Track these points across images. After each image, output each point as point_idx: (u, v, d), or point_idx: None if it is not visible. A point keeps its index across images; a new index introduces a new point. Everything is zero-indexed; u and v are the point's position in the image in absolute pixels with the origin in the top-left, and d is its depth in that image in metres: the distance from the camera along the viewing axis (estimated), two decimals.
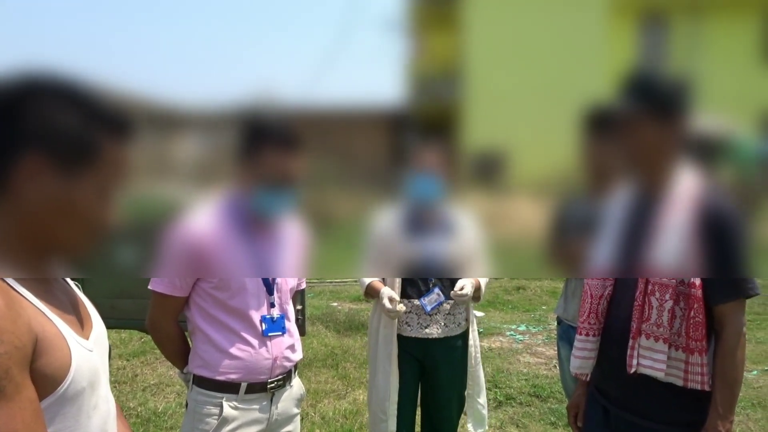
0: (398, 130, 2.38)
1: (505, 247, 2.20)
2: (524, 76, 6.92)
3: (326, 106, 1.92)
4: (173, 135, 1.63)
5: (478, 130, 4.90)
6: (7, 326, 0.76)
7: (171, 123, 1.56)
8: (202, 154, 1.78)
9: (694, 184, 1.37)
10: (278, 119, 1.58)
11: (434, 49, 8.12)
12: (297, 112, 1.67)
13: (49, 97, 0.81)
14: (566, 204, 2.01)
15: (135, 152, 0.90)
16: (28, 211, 0.82)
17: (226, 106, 1.68)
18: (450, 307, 2.22)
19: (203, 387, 1.62)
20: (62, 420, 0.86)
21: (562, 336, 2.33)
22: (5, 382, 0.75)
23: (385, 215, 2.13)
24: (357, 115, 2.06)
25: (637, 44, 8.03)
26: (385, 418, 2.20)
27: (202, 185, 1.75)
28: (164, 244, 1.53)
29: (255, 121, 1.58)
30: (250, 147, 1.55)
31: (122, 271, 1.71)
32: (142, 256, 1.58)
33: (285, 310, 1.71)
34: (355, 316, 5.89)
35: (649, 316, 1.39)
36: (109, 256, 1.07)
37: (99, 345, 0.97)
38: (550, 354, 4.76)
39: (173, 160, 1.67)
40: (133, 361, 4.49)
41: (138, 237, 1.32)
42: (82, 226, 0.86)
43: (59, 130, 0.81)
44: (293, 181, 1.55)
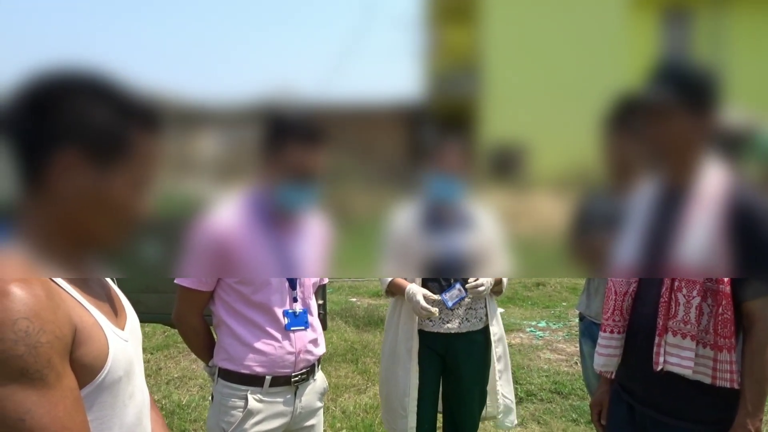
0: (416, 125, 2.37)
1: (525, 243, 2.18)
2: (543, 70, 6.84)
3: (343, 102, 1.92)
4: (194, 132, 1.65)
5: (497, 124, 4.85)
6: (49, 317, 0.78)
7: (191, 120, 1.57)
8: (224, 150, 1.80)
9: (721, 178, 1.35)
10: (300, 114, 1.59)
11: (452, 43, 8.06)
12: (315, 108, 1.67)
13: (81, 93, 0.83)
14: (588, 199, 1.99)
15: (162, 147, 0.92)
16: (63, 205, 0.84)
17: (246, 103, 1.69)
18: (471, 302, 2.22)
19: (228, 380, 1.64)
20: (100, 408, 0.88)
21: (584, 332, 2.32)
22: (47, 371, 0.77)
23: (403, 212, 2.12)
24: (374, 111, 2.06)
25: (659, 37, 7.90)
26: (405, 414, 2.21)
27: (225, 182, 1.77)
28: (189, 240, 1.55)
29: (277, 117, 1.59)
30: (273, 142, 1.56)
31: (148, 269, 1.74)
32: (166, 252, 1.60)
33: (308, 304, 1.73)
34: (375, 311, 5.91)
35: (675, 313, 1.37)
36: (134, 253, 1.09)
37: (133, 335, 0.99)
38: (570, 351, 4.73)
39: (195, 156, 1.68)
40: (157, 354, 4.56)
41: (162, 233, 1.33)
42: (116, 218, 0.88)
43: (92, 125, 0.83)
44: (316, 175, 1.56)
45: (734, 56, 6.50)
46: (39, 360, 0.76)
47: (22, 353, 0.74)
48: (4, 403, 0.74)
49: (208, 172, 1.75)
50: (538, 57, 7.34)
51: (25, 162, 0.84)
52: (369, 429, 3.28)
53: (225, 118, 1.74)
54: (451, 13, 8.02)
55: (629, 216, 1.51)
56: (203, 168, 1.73)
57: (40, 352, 0.76)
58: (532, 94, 6.49)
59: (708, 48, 7.44)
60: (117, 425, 0.92)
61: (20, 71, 0.83)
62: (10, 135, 0.83)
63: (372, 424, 3.33)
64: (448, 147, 2.03)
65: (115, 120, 0.84)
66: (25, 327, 0.75)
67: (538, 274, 5.91)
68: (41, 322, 0.77)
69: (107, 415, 0.90)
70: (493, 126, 5.40)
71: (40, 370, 0.76)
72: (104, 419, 0.89)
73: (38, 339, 0.76)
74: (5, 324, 0.74)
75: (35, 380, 0.76)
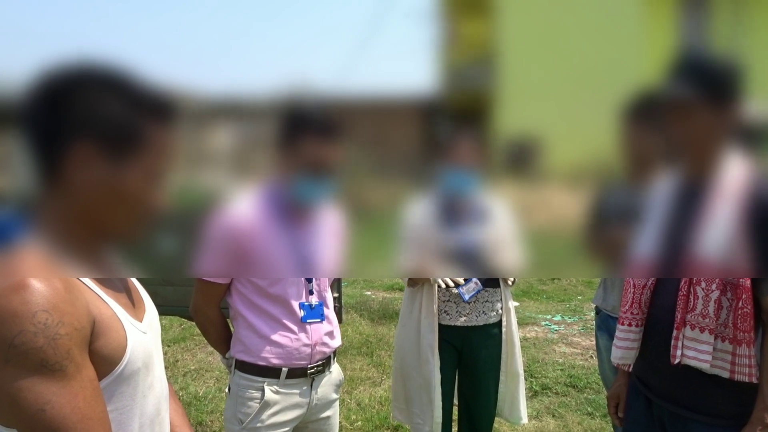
0: (431, 118, 2.37)
1: (540, 237, 2.17)
2: (559, 63, 6.77)
3: (359, 95, 1.93)
4: (209, 125, 1.66)
5: (512, 118, 4.82)
6: (68, 309, 0.79)
7: (207, 113, 1.58)
8: (239, 143, 1.81)
9: (743, 172, 1.33)
10: (317, 108, 1.59)
11: (467, 36, 8.00)
12: (330, 101, 1.67)
13: (96, 86, 0.84)
14: (605, 193, 1.97)
15: (176, 140, 0.93)
16: (79, 198, 0.85)
17: (262, 96, 1.70)
18: (488, 295, 2.22)
19: (245, 371, 1.66)
20: (119, 399, 0.89)
21: (600, 326, 2.31)
22: (67, 362, 0.78)
23: (418, 205, 2.12)
24: (389, 104, 2.06)
25: (677, 29, 7.77)
26: (431, 408, 2.22)
27: (240, 175, 1.78)
28: (205, 233, 1.56)
29: (294, 110, 1.59)
30: (289, 136, 1.57)
31: (164, 264, 1.76)
32: (182, 246, 1.62)
33: (323, 297, 1.74)
34: (389, 304, 5.92)
35: (694, 307, 1.36)
36: (150, 247, 1.10)
37: (152, 328, 1.01)
38: (586, 344, 4.71)
39: (210, 150, 1.70)
40: (173, 347, 4.61)
41: (177, 227, 1.35)
42: (132, 211, 0.89)
43: (107, 118, 0.83)
44: (332, 169, 1.57)
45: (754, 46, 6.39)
46: (58, 352, 0.77)
47: (41, 345, 0.76)
48: (24, 394, 0.75)
49: (223, 166, 1.77)
50: (554, 49, 7.26)
51: (41, 155, 0.84)
52: (384, 421, 3.30)
53: (240, 112, 1.76)
54: (467, 6, 7.95)
55: (648, 210, 1.50)
56: (218, 161, 1.74)
57: (59, 344, 0.77)
58: (548, 87, 6.43)
59: (727, 38, 7.32)
60: (137, 416, 0.93)
61: (36, 65, 0.84)
62: (26, 128, 0.84)
63: (387, 416, 3.34)
64: (463, 140, 2.02)
65: (129, 113, 0.85)
66: (44, 319, 0.76)
67: (553, 273, 5.86)
68: (60, 314, 0.78)
69: (127, 406, 0.91)
70: (509, 119, 5.36)
71: (60, 361, 0.77)
72: (124, 410, 0.90)
73: (57, 331, 0.77)
74: (25, 316, 0.75)
75: (55, 372, 0.77)
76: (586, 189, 1.99)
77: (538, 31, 7.95)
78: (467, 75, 7.06)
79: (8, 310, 0.75)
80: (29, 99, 0.83)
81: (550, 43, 7.67)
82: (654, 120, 1.86)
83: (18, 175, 1.89)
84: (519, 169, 2.43)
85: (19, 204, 1.55)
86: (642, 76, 1.82)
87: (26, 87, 0.83)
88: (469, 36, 8.18)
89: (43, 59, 0.84)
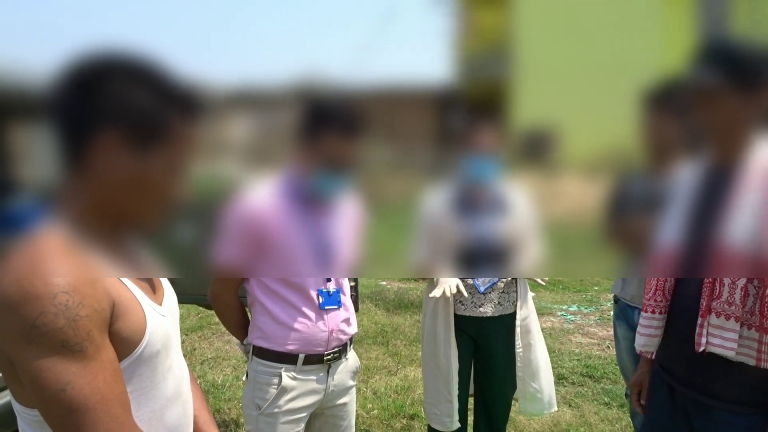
0: (446, 108, 2.35)
1: (557, 228, 2.15)
2: (576, 51, 6.66)
3: (373, 85, 1.92)
4: (223, 114, 1.66)
5: (529, 107, 4.76)
6: (88, 290, 0.80)
7: (222, 103, 1.59)
8: (256, 133, 1.81)
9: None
10: (340, 103, 1.58)
11: (482, 25, 7.91)
12: (344, 90, 1.67)
13: (124, 76, 0.84)
14: (626, 181, 1.95)
15: (200, 132, 0.93)
16: (103, 186, 0.86)
17: (276, 86, 1.69)
18: (504, 286, 2.21)
19: (262, 358, 1.68)
20: (139, 381, 0.91)
21: (619, 315, 2.29)
22: (87, 344, 0.79)
23: (435, 195, 2.10)
24: (404, 95, 2.05)
25: (696, 15, 7.60)
26: (450, 398, 2.22)
27: (254, 165, 1.78)
28: (223, 220, 1.57)
29: (318, 103, 1.59)
30: (311, 129, 1.57)
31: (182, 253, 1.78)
32: (200, 235, 1.63)
33: (340, 284, 1.75)
34: (404, 294, 5.93)
35: (720, 294, 1.34)
36: (169, 236, 1.11)
37: (171, 311, 1.02)
38: (602, 335, 4.69)
39: (226, 140, 1.70)
40: (191, 335, 4.66)
41: (195, 217, 1.36)
42: (154, 200, 0.90)
43: (134, 107, 0.84)
44: (352, 165, 1.57)
45: None
46: (79, 333, 0.78)
47: (62, 326, 0.77)
48: (45, 374, 0.77)
49: (238, 155, 1.77)
50: (570, 38, 7.15)
51: (67, 142, 0.85)
52: (400, 410, 3.32)
53: (255, 101, 1.76)
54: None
55: (671, 199, 1.48)
56: (233, 151, 1.75)
57: (79, 325, 0.78)
58: (565, 76, 6.34)
59: (748, 23, 7.17)
60: (156, 397, 0.94)
61: (64, 53, 0.85)
62: (53, 116, 0.85)
63: (403, 405, 3.36)
64: (483, 127, 2.00)
65: (157, 104, 0.85)
66: (65, 300, 0.77)
67: (573, 273, 5.82)
68: (80, 296, 0.79)
69: (146, 387, 0.92)
70: (525, 109, 5.30)
71: (80, 342, 0.78)
72: (143, 391, 0.92)
73: (78, 312, 0.78)
74: (46, 298, 0.76)
75: (75, 352, 0.78)
76: (604, 179, 1.97)
77: (554, 20, 7.84)
78: (483, 64, 6.98)
79: (30, 292, 0.76)
80: (59, 86, 0.84)
81: (567, 32, 7.55)
82: (676, 107, 1.84)
83: (38, 166, 1.91)
84: (536, 160, 2.41)
85: (39, 194, 1.57)
86: (661, 63, 1.80)
87: (54, 75, 0.84)
88: (484, 25, 8.09)
89: (73, 47, 0.85)
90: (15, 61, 1.68)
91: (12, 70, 1.84)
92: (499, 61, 5.29)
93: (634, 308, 2.12)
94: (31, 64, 1.01)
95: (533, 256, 2.08)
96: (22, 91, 1.85)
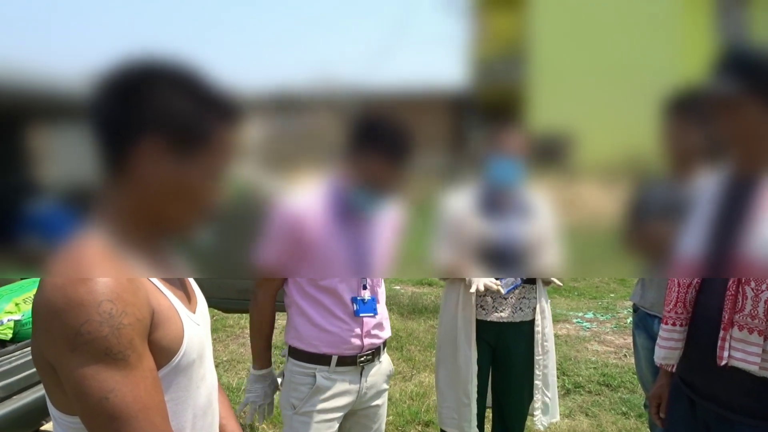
0: (461, 113, 2.34)
1: (574, 234, 2.13)
2: (593, 56, 6.61)
3: (387, 88, 1.92)
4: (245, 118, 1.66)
5: (545, 112, 4.73)
6: (130, 299, 0.81)
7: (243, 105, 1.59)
8: (274, 137, 1.81)
9: None
10: (392, 124, 1.57)
11: (497, 29, 7.88)
12: (358, 94, 1.66)
13: (165, 83, 0.85)
14: (645, 189, 1.93)
15: (239, 138, 0.93)
16: (144, 192, 0.86)
17: (291, 89, 1.68)
18: (524, 291, 2.20)
19: (297, 358, 1.72)
20: (176, 390, 0.91)
21: (638, 324, 2.26)
22: (129, 352, 0.79)
23: (458, 197, 2.09)
24: (418, 99, 2.04)
25: (716, 23, 7.51)
26: (468, 402, 2.21)
27: (274, 170, 1.78)
28: (268, 222, 1.61)
29: (368, 120, 1.59)
30: (358, 145, 1.57)
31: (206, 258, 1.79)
32: (223, 241, 1.63)
33: (376, 292, 1.79)
34: (419, 299, 5.91)
35: (743, 307, 1.32)
36: (198, 242, 1.11)
37: (204, 319, 1.02)
38: (619, 343, 4.64)
39: (245, 143, 1.70)
40: None
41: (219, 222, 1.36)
42: (194, 205, 0.90)
43: (176, 114, 0.84)
44: (394, 188, 1.58)
45: None
46: (122, 341, 0.78)
47: (106, 334, 0.77)
48: (89, 382, 0.77)
49: (258, 160, 1.77)
50: (587, 43, 7.09)
51: (108, 149, 0.85)
52: (415, 416, 3.30)
53: (273, 105, 1.75)
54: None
55: (693, 207, 1.46)
56: (254, 155, 1.75)
57: (122, 333, 0.78)
58: (581, 81, 6.29)
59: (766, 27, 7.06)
60: (191, 406, 0.94)
61: (106, 59, 0.85)
62: (94, 122, 0.85)
63: (418, 411, 3.34)
64: (508, 130, 1.99)
65: (197, 110, 0.86)
66: (109, 309, 0.77)
67: (591, 272, 5.76)
68: (123, 304, 0.79)
69: (182, 397, 0.92)
70: (542, 113, 5.26)
71: (123, 351, 0.78)
72: (179, 400, 0.92)
73: (120, 321, 0.78)
74: (91, 305, 0.77)
75: (118, 360, 0.78)
76: (622, 186, 1.95)
77: (571, 25, 7.79)
78: (499, 68, 6.95)
79: (75, 299, 0.77)
80: (101, 92, 0.84)
81: (583, 37, 7.49)
82: (697, 115, 1.82)
83: (62, 169, 1.91)
84: (552, 165, 2.40)
85: (63, 196, 1.58)
86: (680, 68, 1.77)
87: (93, 81, 0.84)
88: (500, 28, 8.05)
89: (115, 53, 0.85)
90: (45, 65, 1.69)
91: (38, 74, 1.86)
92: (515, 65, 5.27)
93: (654, 317, 2.09)
94: (66, 69, 1.01)
95: (553, 260, 2.07)
96: (47, 94, 1.87)
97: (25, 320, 2.44)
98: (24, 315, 2.44)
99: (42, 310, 0.79)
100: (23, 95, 1.91)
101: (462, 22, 5.87)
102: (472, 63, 6.24)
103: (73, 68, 0.93)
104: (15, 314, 2.42)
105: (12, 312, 2.42)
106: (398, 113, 1.82)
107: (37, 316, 0.81)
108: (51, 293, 0.78)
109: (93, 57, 0.86)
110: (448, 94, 2.14)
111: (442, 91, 2.11)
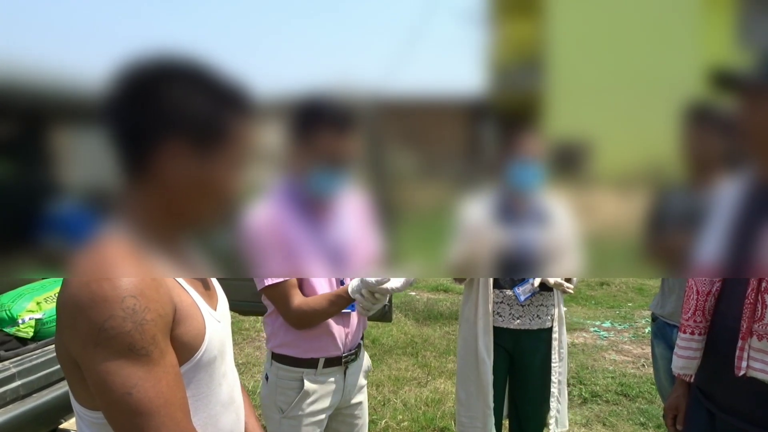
0: (478, 119, 2.33)
1: (592, 241, 2.12)
2: (611, 63, 6.57)
3: (404, 95, 1.92)
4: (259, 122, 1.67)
5: (562, 119, 4.71)
6: (153, 295, 0.82)
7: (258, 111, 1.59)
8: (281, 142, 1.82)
9: None
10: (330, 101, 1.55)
11: (515, 36, 7.88)
12: (375, 101, 1.66)
13: (181, 81, 0.85)
14: (664, 196, 1.92)
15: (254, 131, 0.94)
16: (167, 191, 0.87)
17: (308, 95, 1.68)
18: (543, 298, 2.18)
19: (283, 362, 1.71)
20: (197, 386, 0.92)
21: (657, 334, 2.24)
22: (152, 348, 0.80)
23: (475, 203, 2.08)
24: (435, 105, 2.04)
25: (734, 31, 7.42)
26: (490, 411, 2.20)
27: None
28: (246, 243, 1.52)
29: (307, 104, 1.56)
30: (303, 129, 1.54)
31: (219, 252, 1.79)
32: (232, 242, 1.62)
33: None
34: (434, 306, 5.90)
35: (762, 316, 1.30)
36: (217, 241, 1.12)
37: (225, 317, 1.03)
38: (637, 352, 4.58)
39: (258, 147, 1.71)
40: None
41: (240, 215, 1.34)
42: (215, 202, 0.91)
43: (195, 113, 0.85)
44: (348, 161, 1.54)
45: None
46: (145, 337, 0.79)
47: (129, 330, 0.78)
48: (112, 377, 0.78)
49: (270, 164, 1.78)
50: (606, 49, 7.06)
51: (128, 149, 0.86)
52: (430, 422, 3.29)
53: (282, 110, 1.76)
54: (515, 5, 7.83)
55: (713, 213, 1.44)
56: (267, 159, 1.76)
57: (145, 329, 0.79)
58: (599, 88, 6.25)
59: None
60: (212, 402, 0.95)
61: (116, 60, 0.85)
62: (112, 123, 0.86)
63: (433, 417, 3.33)
64: (528, 135, 1.97)
65: (214, 107, 0.86)
66: (132, 305, 0.79)
67: (609, 274, 5.70)
68: (146, 300, 0.80)
69: (203, 393, 0.93)
70: (559, 120, 5.24)
71: (146, 346, 0.79)
72: (200, 396, 0.93)
73: (144, 317, 0.79)
74: (114, 301, 0.78)
75: (141, 356, 0.79)
76: (640, 193, 1.93)
77: (589, 31, 7.76)
78: (516, 75, 6.94)
79: (99, 295, 0.78)
80: (116, 94, 0.84)
81: (602, 43, 7.46)
82: (718, 122, 1.80)
83: (82, 170, 1.94)
84: (569, 173, 2.38)
85: (84, 197, 1.60)
86: (698, 78, 1.75)
87: (109, 82, 0.85)
88: (517, 36, 8.04)
89: (123, 54, 0.85)
90: (65, 66, 1.71)
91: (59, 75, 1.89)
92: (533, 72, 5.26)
93: (673, 326, 2.07)
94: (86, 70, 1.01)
95: (572, 265, 2.05)
96: (67, 95, 1.90)
97: (46, 319, 2.47)
98: (45, 314, 2.48)
99: (67, 307, 0.80)
100: (45, 97, 1.94)
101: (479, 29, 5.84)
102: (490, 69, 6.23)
103: (93, 69, 0.92)
104: (36, 313, 2.46)
105: (33, 311, 2.46)
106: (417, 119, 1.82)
107: (62, 313, 0.82)
108: (76, 289, 0.79)
109: (114, 57, 0.86)
110: (465, 100, 2.14)
111: (459, 98, 2.11)
